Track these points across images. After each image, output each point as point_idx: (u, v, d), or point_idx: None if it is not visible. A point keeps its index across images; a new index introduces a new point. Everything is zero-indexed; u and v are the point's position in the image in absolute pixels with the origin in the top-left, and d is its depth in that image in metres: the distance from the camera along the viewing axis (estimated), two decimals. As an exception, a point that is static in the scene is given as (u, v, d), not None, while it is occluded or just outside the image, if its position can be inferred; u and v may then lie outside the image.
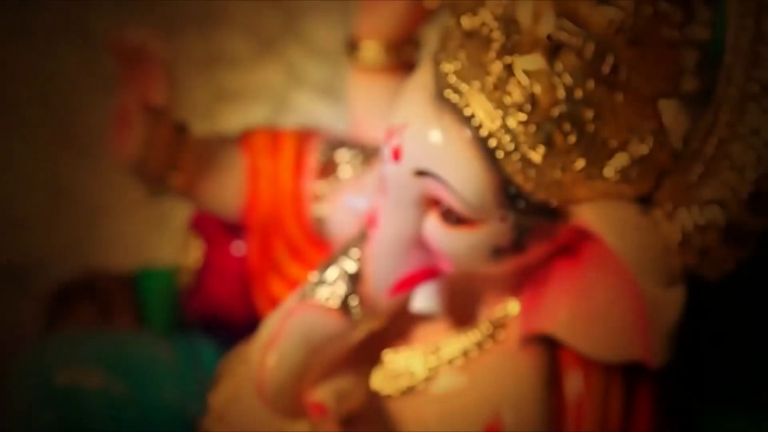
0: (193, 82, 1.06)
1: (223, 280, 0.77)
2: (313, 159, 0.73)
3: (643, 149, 0.56)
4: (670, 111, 0.56)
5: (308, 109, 1.07)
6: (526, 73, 0.55)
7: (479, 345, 0.63)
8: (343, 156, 0.73)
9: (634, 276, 0.56)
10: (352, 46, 0.74)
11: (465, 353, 0.63)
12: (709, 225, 0.55)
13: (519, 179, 0.56)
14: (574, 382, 0.61)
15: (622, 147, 0.55)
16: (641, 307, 0.56)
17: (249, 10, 1.09)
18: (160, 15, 1.07)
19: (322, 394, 0.62)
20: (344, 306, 0.61)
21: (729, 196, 0.55)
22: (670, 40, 0.56)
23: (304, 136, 0.74)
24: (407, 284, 0.62)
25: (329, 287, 0.62)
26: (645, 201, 0.58)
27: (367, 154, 0.72)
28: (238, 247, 0.76)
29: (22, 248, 0.99)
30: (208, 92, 1.07)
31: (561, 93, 0.55)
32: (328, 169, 0.73)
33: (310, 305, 0.61)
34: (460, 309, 0.64)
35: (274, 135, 0.74)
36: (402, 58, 0.73)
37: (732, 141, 0.55)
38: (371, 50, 0.73)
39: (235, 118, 1.04)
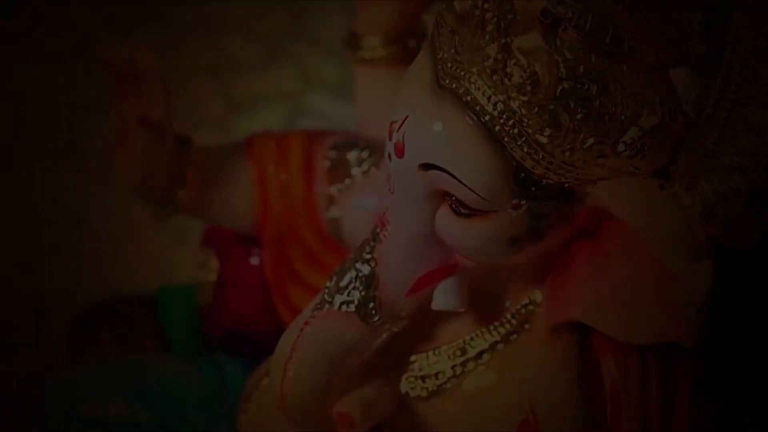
0: (204, 92, 1.05)
1: (245, 293, 0.75)
2: (323, 162, 0.71)
3: (653, 120, 0.53)
4: (679, 77, 0.54)
5: (324, 111, 1.06)
6: (524, 52, 0.52)
7: (506, 338, 0.61)
8: (354, 156, 0.71)
9: (658, 253, 0.53)
10: (352, 41, 0.72)
11: (492, 348, 0.61)
12: (730, 193, 0.53)
13: (528, 164, 0.54)
14: (609, 369, 0.59)
15: (633, 120, 0.53)
16: (668, 285, 0.54)
17: (254, 12, 1.08)
18: (166, 27, 1.06)
19: (349, 404, 0.60)
20: (362, 311, 0.59)
21: (748, 160, 0.52)
22: (673, 2, 0.53)
23: (312, 139, 0.73)
24: (426, 282, 0.59)
25: (345, 293, 0.60)
26: (662, 175, 0.55)
27: (379, 151, 0.70)
28: (256, 259, 0.74)
29: (43, 277, 0.98)
30: (220, 102, 1.06)
31: (562, 70, 0.52)
32: (339, 170, 0.71)
33: (326, 314, 0.59)
34: (484, 303, 0.62)
35: (280, 140, 0.72)
36: (405, 50, 0.71)
37: (746, 103, 0.52)
38: (371, 44, 0.71)
39: (250, 126, 1.03)
